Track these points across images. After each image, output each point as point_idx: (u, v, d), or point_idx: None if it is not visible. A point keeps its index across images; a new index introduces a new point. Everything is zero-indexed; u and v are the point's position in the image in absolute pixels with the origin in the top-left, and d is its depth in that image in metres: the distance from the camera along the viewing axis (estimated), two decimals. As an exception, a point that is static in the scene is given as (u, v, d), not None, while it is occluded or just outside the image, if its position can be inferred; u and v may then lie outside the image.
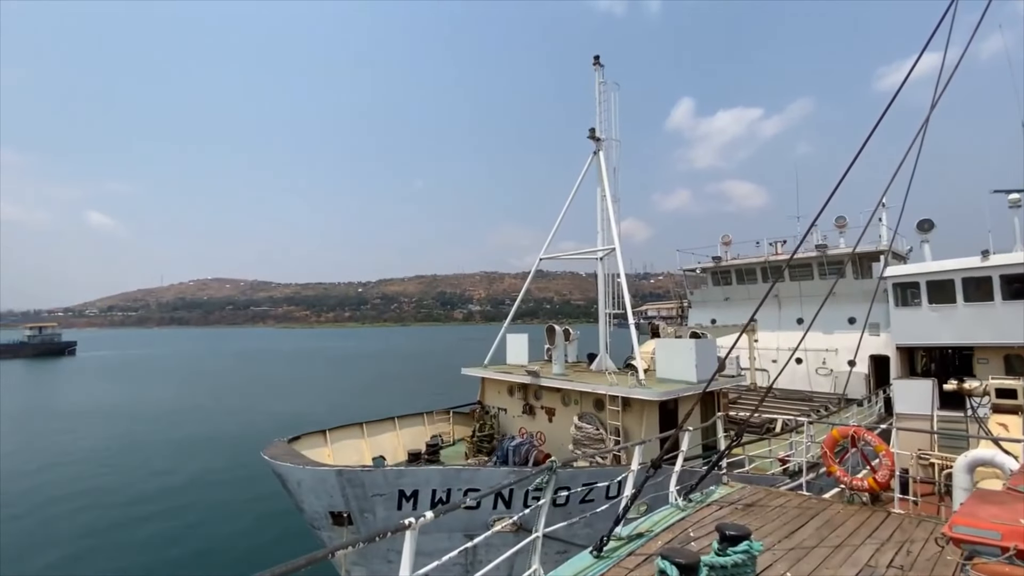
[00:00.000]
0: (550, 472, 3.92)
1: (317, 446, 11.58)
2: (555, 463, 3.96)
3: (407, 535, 2.65)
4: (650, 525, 5.44)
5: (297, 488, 8.72)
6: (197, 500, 17.92)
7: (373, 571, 8.98)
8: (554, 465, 3.94)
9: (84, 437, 28.01)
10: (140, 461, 23.25)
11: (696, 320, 26.95)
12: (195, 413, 35.28)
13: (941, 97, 5.97)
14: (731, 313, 25.29)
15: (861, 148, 6.31)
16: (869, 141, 5.94)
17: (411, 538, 2.67)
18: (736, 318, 24.01)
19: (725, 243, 27.03)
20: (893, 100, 5.15)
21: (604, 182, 15.42)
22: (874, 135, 6.12)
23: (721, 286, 26.57)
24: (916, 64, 5.02)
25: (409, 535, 2.66)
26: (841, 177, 6.74)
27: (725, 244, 27.00)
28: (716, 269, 26.55)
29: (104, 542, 14.61)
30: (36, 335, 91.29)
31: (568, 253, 16.55)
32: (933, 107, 6.35)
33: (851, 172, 6.06)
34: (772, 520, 5.63)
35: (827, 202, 7.00)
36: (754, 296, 24.57)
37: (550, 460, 3.97)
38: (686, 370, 12.42)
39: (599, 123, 16.03)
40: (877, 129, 5.95)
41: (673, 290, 33.29)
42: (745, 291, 25.34)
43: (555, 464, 3.96)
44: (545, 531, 8.40)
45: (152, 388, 49.62)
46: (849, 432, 6.26)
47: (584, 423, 12.35)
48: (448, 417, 15.52)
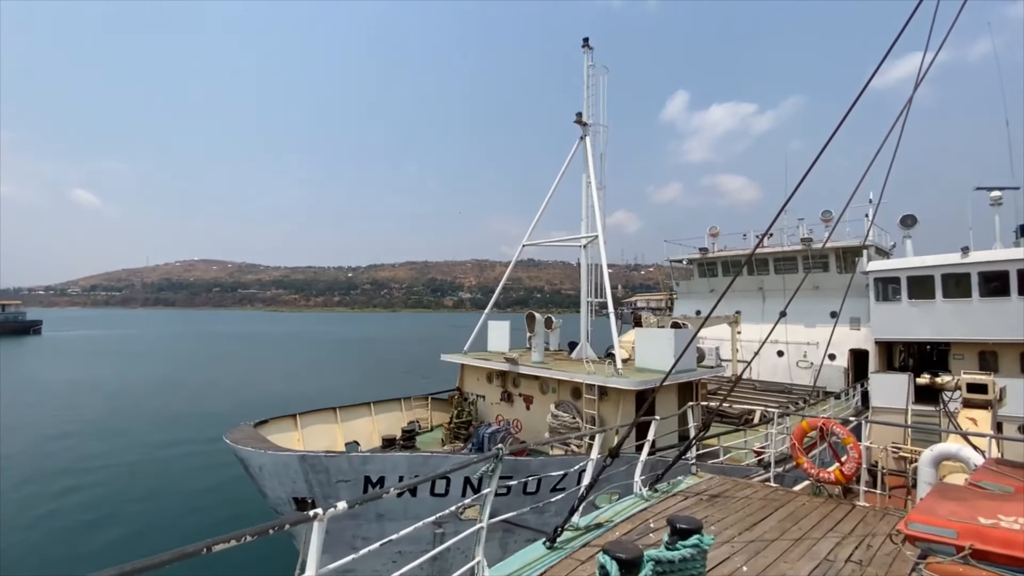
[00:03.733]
0: (495, 460, 3.74)
1: (286, 431, 11.34)
2: (500, 451, 3.78)
3: (314, 527, 2.44)
4: (611, 515, 5.30)
5: (259, 473, 8.49)
6: (143, 482, 17.55)
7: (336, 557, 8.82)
8: (499, 453, 3.76)
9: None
10: (72, 443, 22.60)
11: (682, 311, 26.96)
12: (152, 394, 34.75)
13: (918, 91, 5.81)
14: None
15: (830, 137, 6.16)
16: (837, 133, 5.79)
17: (318, 530, 2.46)
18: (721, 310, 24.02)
19: (712, 235, 26.97)
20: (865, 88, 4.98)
21: (590, 168, 15.16)
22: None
23: (707, 278, 26.55)
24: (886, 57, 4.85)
25: (316, 526, 2.45)
26: (808, 168, 6.60)
27: (712, 236, 26.94)
28: (702, 261, 26.50)
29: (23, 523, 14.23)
30: (0, 313, 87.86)
31: (551, 240, 16.32)
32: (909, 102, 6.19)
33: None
34: (735, 511, 5.53)
35: (792, 194, 6.89)
36: (739, 288, 24.59)
37: (496, 448, 3.79)
38: (664, 360, 12.32)
39: (586, 107, 15.70)
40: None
41: (662, 281, 33.30)
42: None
43: (500, 452, 3.78)
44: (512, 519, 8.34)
45: (106, 368, 48.51)
46: (818, 424, 6.16)
47: (561, 411, 12.25)
48: (426, 403, 15.34)
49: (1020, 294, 15.52)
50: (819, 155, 5.42)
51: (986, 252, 16.71)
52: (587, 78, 15.65)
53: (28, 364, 52.40)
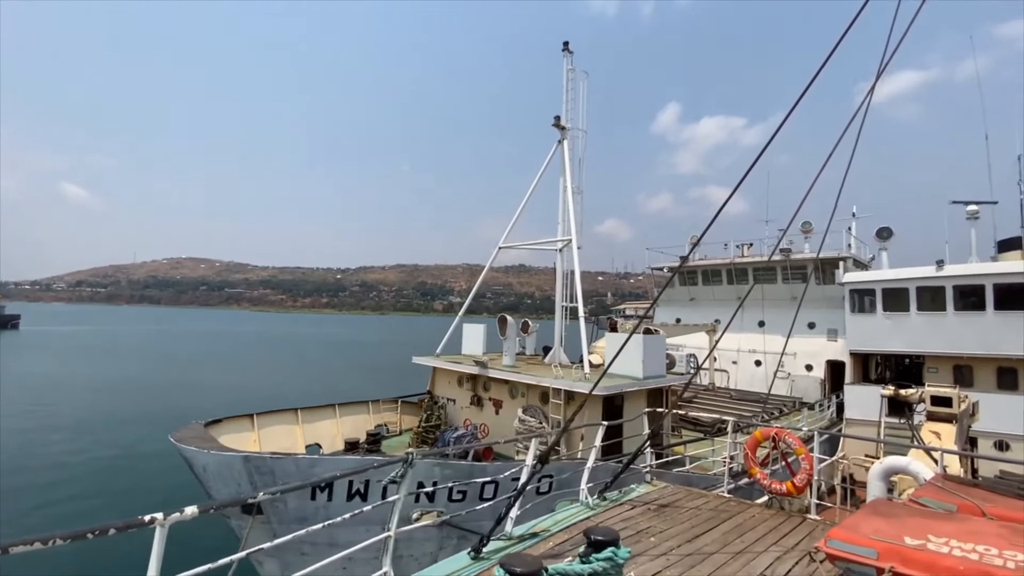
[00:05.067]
0: (405, 464, 3.50)
1: (242, 431, 10.97)
2: (411, 455, 3.55)
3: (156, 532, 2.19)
4: (549, 524, 5.07)
5: (203, 474, 8.15)
6: (87, 479, 17.27)
7: (286, 563, 8.48)
8: (410, 457, 3.52)
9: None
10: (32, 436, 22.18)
11: (661, 319, 26.89)
12: (120, 391, 34.18)
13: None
14: (695, 313, 25.29)
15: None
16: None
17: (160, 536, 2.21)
18: (700, 318, 24.01)
19: (693, 243, 26.98)
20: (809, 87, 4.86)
21: (567, 172, 15.02)
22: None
23: (687, 286, 26.54)
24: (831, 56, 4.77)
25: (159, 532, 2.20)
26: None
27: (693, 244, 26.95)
28: (682, 269, 26.48)
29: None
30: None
31: (525, 243, 16.13)
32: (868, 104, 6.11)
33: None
34: (681, 522, 5.32)
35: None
36: (718, 297, 24.60)
37: (407, 451, 3.55)
38: (633, 366, 12.16)
39: (565, 111, 15.60)
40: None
41: (651, 289, 33.24)
42: (710, 292, 25.34)
43: (411, 455, 3.54)
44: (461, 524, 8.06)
45: (77, 365, 47.81)
46: (770, 434, 5.98)
47: (528, 416, 12.02)
48: (396, 406, 15.01)
49: (996, 308, 15.55)
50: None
51: (962, 266, 16.78)
52: (567, 82, 15.56)
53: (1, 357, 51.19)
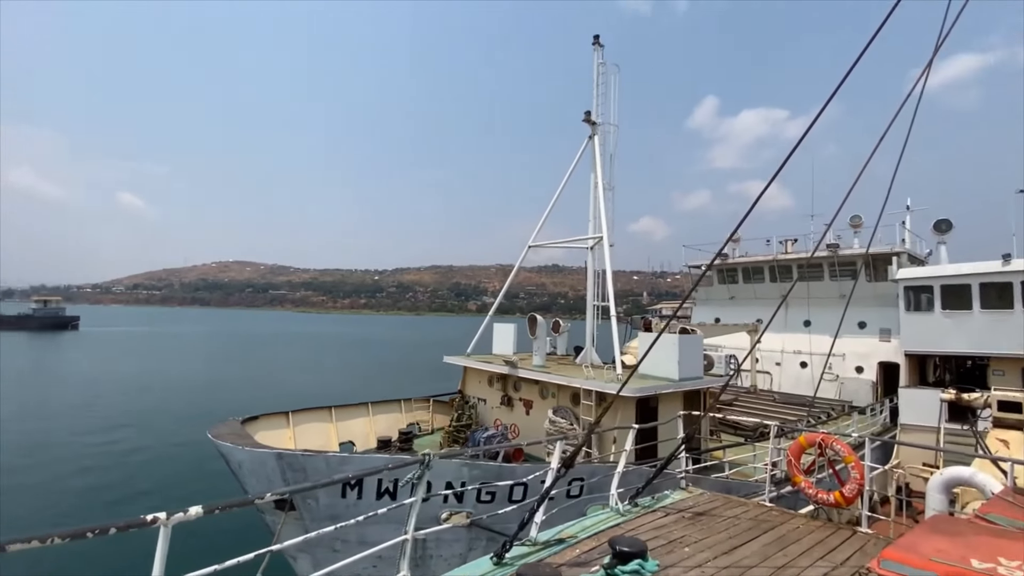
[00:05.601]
0: (422, 466, 3.40)
1: (278, 428, 11.23)
2: (428, 456, 3.44)
3: (160, 532, 2.15)
4: (576, 531, 4.88)
5: (239, 469, 8.37)
6: (144, 471, 18.15)
7: (318, 560, 8.59)
8: (427, 458, 3.41)
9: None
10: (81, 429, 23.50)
11: (700, 318, 26.05)
12: (166, 387, 36.13)
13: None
14: (735, 312, 24.34)
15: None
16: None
17: (164, 536, 2.17)
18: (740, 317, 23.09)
19: (733, 240, 25.96)
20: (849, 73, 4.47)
21: (597, 168, 14.72)
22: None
23: (726, 284, 25.61)
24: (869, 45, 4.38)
25: (162, 532, 2.16)
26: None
27: (733, 241, 25.97)
28: (722, 267, 25.57)
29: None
30: (41, 308, 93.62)
31: (554, 242, 15.90)
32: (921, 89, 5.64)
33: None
34: (718, 532, 5.02)
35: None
36: (760, 296, 23.62)
37: (423, 453, 3.45)
38: (668, 367, 11.74)
39: (596, 106, 15.31)
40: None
41: (688, 289, 32.28)
42: (751, 290, 24.36)
43: (428, 457, 3.43)
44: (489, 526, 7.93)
45: (129, 362, 50.95)
46: (816, 439, 5.58)
47: (558, 417, 11.80)
48: (428, 405, 15.08)
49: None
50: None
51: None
52: (597, 76, 15.26)
53: (56, 357, 55.40)
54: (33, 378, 39.30)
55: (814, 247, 15.59)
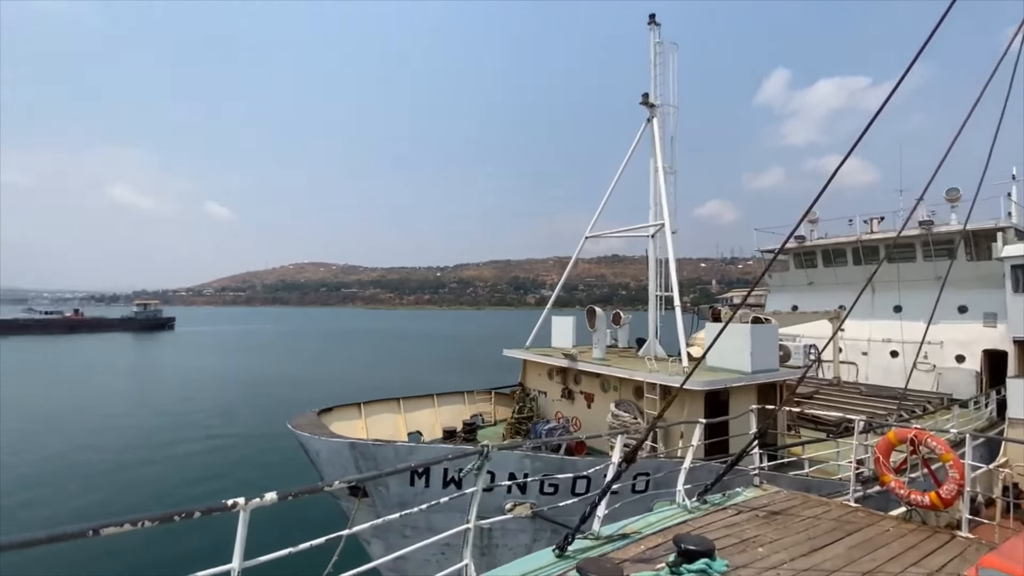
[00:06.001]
0: (481, 457, 3.44)
1: (351, 418, 11.85)
2: (487, 447, 3.47)
3: (239, 517, 2.31)
4: (641, 526, 4.76)
5: (316, 457, 8.91)
6: (232, 459, 19.82)
7: (389, 544, 8.99)
8: (486, 449, 3.45)
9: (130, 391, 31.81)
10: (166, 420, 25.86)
11: (776, 306, 24.54)
12: (252, 381, 39.12)
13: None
14: (815, 299, 22.66)
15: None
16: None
17: (243, 520, 2.33)
18: (820, 304, 21.48)
19: (811, 221, 24.15)
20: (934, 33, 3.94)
21: (656, 152, 14.20)
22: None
23: (804, 269, 23.91)
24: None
25: (242, 516, 2.32)
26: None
27: (811, 222, 24.14)
28: (799, 250, 23.89)
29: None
30: (142, 311, 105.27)
31: (613, 231, 15.52)
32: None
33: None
34: (796, 532, 4.71)
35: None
36: (842, 280, 21.86)
37: (482, 445, 3.49)
38: (740, 358, 11.15)
39: (654, 88, 14.74)
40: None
41: (759, 274, 30.42)
42: (832, 274, 22.59)
43: (487, 448, 3.46)
44: (559, 519, 7.93)
45: (219, 358, 56.31)
46: (908, 435, 5.07)
47: (621, 411, 11.57)
48: (489, 397, 15.31)
49: None
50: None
51: None
52: (654, 56, 14.68)
53: (155, 355, 61.98)
54: (138, 374, 44.29)
55: (902, 224, 14.17)
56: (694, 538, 2.90)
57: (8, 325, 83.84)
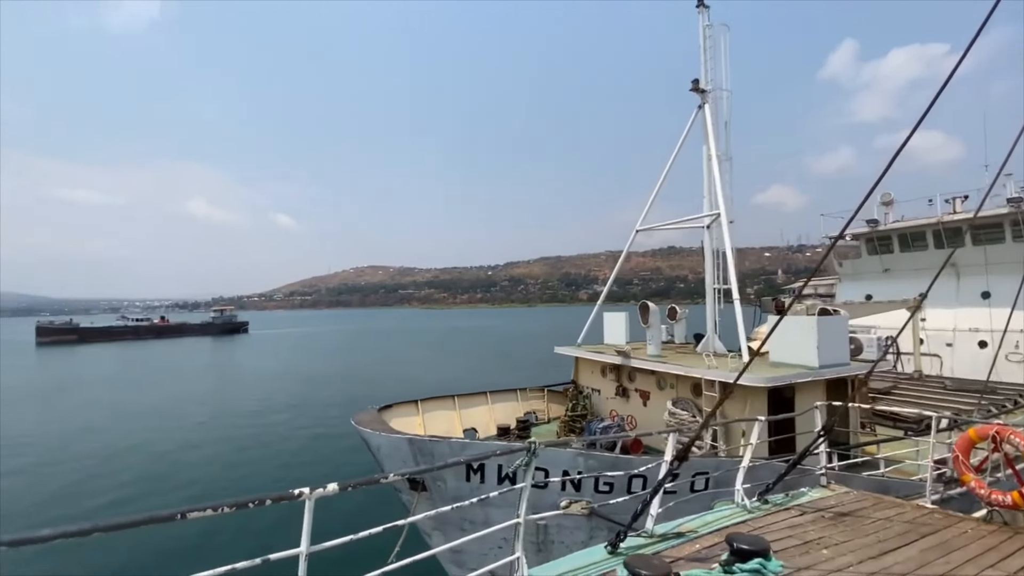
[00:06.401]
0: (529, 453, 3.51)
1: (409, 415, 12.29)
2: (535, 444, 3.53)
3: (305, 504, 2.51)
4: (697, 525, 4.67)
5: (377, 452, 9.34)
6: (298, 449, 21.42)
7: (449, 537, 9.28)
8: (533, 446, 3.51)
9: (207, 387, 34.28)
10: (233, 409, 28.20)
11: (847, 296, 22.98)
12: (318, 379, 41.25)
13: None
14: (891, 287, 21.01)
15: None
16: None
17: (308, 508, 2.52)
18: (897, 292, 19.89)
19: (885, 203, 22.40)
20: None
21: (710, 139, 13.68)
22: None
23: (879, 255, 22.23)
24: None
25: (307, 504, 2.51)
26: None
27: (885, 204, 22.40)
28: (872, 235, 22.23)
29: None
30: (219, 316, 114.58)
31: (665, 223, 15.10)
32: None
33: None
34: (865, 535, 4.46)
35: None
36: (922, 266, 20.13)
37: (529, 441, 3.55)
38: (806, 353, 10.57)
39: (704, 72, 14.22)
40: None
41: (831, 263, 28.33)
42: (910, 260, 20.86)
43: (534, 445, 3.52)
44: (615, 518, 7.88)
45: (288, 359, 59.98)
46: (989, 432, 4.65)
47: (679, 409, 11.29)
48: (542, 395, 15.37)
49: None
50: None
51: None
52: (704, 40, 14.15)
53: (232, 356, 67.13)
54: (218, 375, 48.11)
55: (980, 200, 12.83)
56: (748, 537, 2.84)
57: (105, 332, 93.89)
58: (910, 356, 17.50)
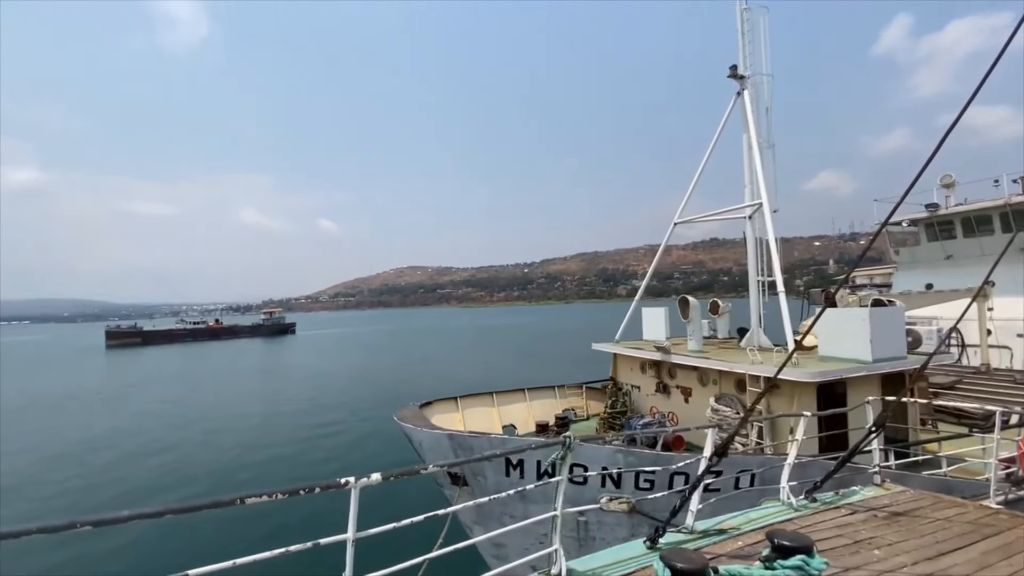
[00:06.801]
0: (565, 448, 3.54)
1: (449, 411, 12.53)
2: (569, 438, 3.56)
3: (351, 493, 2.64)
4: (740, 522, 4.58)
5: (419, 447, 9.59)
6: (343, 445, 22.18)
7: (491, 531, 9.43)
8: (568, 440, 3.54)
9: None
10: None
11: (905, 286, 21.69)
12: (362, 376, 42.71)
13: None
14: (954, 275, 19.70)
15: None
16: None
17: (354, 496, 2.65)
18: (961, 281, 18.64)
19: (945, 185, 21.00)
20: None
21: (750, 126, 13.24)
22: None
23: (940, 241, 20.87)
24: None
25: (353, 493, 2.64)
26: None
27: (946, 187, 20.99)
28: (932, 220, 20.89)
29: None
30: (268, 319, 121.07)
31: (706, 214, 14.70)
32: None
33: None
34: (922, 535, 4.25)
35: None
36: (988, 252, 18.80)
37: (564, 435, 3.58)
38: (858, 346, 10.09)
39: (743, 57, 13.76)
40: None
41: (888, 251, 26.68)
42: (976, 245, 19.49)
43: (569, 439, 3.55)
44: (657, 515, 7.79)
45: (333, 358, 62.12)
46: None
47: (722, 405, 11.00)
48: (581, 392, 15.31)
49: None
50: None
51: None
52: (741, 24, 13.69)
53: (281, 356, 70.18)
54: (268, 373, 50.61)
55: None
56: (790, 533, 2.77)
57: (166, 334, 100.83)
58: (977, 348, 16.36)
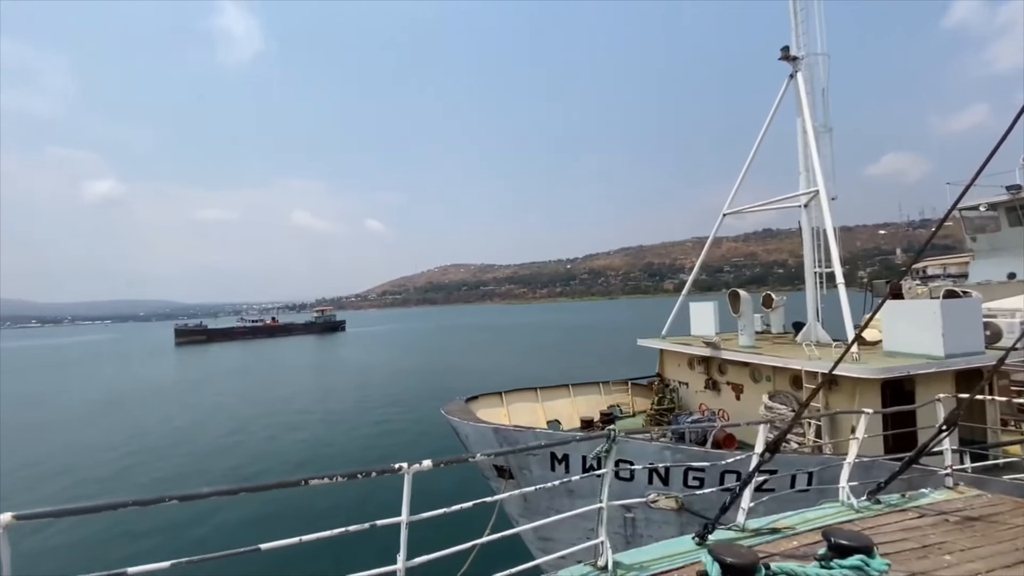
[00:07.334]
0: (609, 441, 3.52)
1: (494, 406, 12.69)
2: (614, 431, 3.54)
3: (405, 478, 2.75)
4: (795, 522, 4.41)
5: (465, 440, 9.79)
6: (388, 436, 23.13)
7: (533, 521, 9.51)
8: (612, 433, 3.52)
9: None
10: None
11: (983, 276, 20.05)
12: (409, 372, 43.87)
13: None
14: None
15: None
16: None
17: (407, 481, 2.76)
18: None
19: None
20: None
21: (804, 110, 12.59)
22: None
23: (1022, 226, 19.14)
24: None
25: (406, 478, 2.76)
26: None
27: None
28: (1014, 204, 19.16)
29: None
30: (320, 316, 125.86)
31: (757, 204, 14.11)
32: None
33: None
34: (998, 541, 3.95)
35: None
36: (1083, 237, 17.03)
37: (609, 428, 3.56)
38: (929, 341, 9.41)
39: (795, 38, 13.11)
40: None
41: (963, 238, 24.54)
42: None
43: (614, 432, 3.53)
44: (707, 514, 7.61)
45: (382, 354, 64.20)
46: None
47: (776, 403, 10.57)
48: (626, 388, 15.11)
49: None
50: None
51: None
52: (793, 3, 13.03)
53: (333, 352, 73.30)
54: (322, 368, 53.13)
55: None
56: (848, 533, 2.65)
57: (228, 332, 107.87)
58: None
